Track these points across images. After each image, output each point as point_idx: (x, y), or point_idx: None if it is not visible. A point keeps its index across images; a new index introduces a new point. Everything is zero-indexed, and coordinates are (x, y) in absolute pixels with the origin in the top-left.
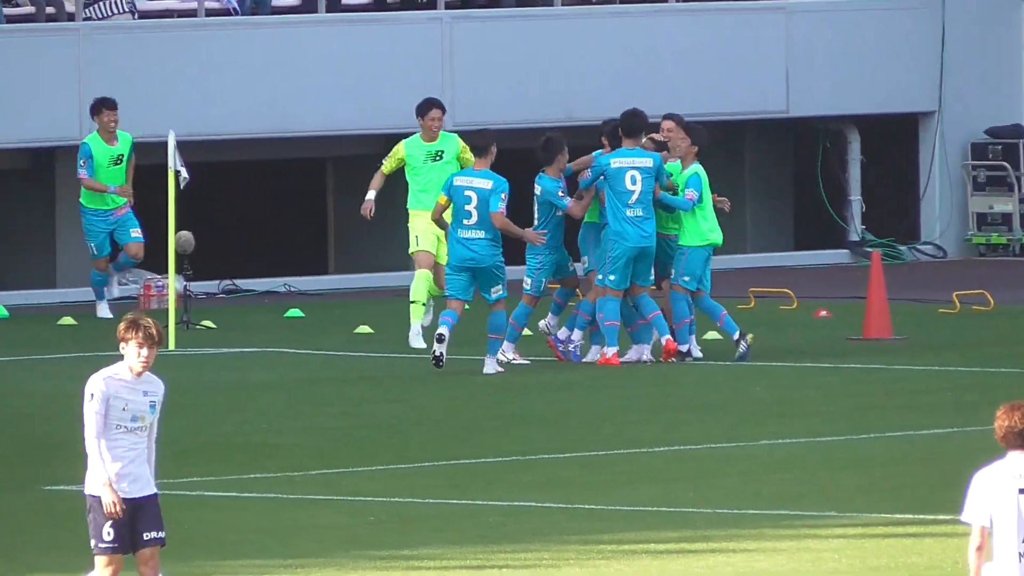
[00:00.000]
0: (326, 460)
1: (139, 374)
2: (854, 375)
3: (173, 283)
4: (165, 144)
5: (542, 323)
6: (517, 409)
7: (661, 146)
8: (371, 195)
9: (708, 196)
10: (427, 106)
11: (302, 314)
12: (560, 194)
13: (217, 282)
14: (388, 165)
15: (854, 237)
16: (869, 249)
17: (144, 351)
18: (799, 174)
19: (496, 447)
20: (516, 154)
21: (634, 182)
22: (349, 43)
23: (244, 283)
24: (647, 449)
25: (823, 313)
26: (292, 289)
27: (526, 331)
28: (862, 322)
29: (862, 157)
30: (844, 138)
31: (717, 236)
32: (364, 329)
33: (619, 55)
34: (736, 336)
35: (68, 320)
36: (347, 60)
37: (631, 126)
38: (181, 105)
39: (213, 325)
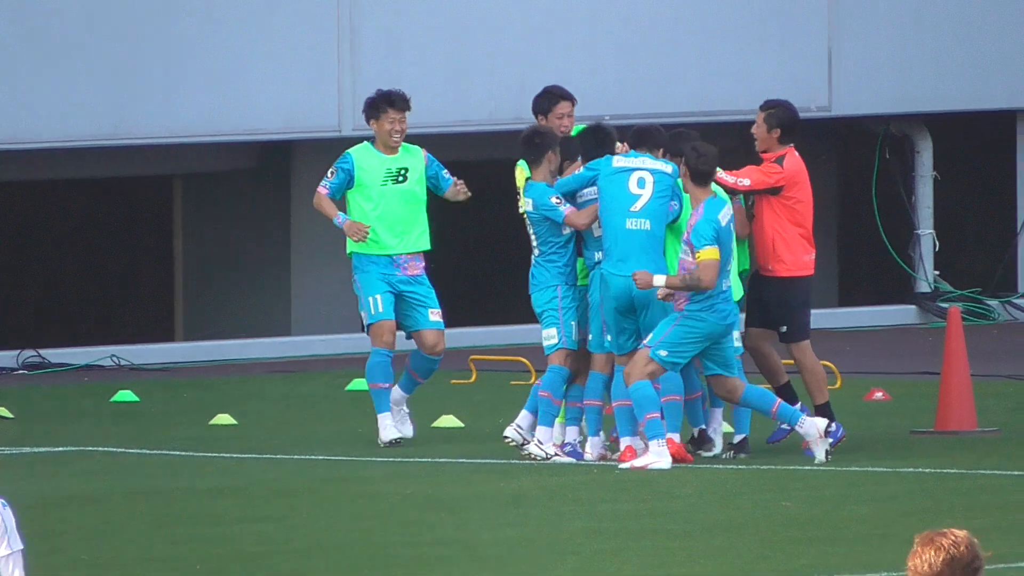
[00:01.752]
0: None
1: None
2: (923, 483)
3: None
4: None
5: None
6: (446, 534)
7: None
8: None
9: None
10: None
11: (136, 397)
12: (555, 201)
13: (16, 353)
14: None
15: (924, 287)
16: (944, 304)
17: None
18: (845, 197)
19: None
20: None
21: (641, 185)
22: (209, 21)
23: (54, 354)
24: None
25: (878, 395)
26: (122, 363)
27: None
28: (934, 408)
29: (935, 173)
30: (910, 146)
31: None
32: (224, 419)
33: (591, 29)
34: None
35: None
36: (204, 45)
37: (642, 139)
38: None
39: (10, 415)
